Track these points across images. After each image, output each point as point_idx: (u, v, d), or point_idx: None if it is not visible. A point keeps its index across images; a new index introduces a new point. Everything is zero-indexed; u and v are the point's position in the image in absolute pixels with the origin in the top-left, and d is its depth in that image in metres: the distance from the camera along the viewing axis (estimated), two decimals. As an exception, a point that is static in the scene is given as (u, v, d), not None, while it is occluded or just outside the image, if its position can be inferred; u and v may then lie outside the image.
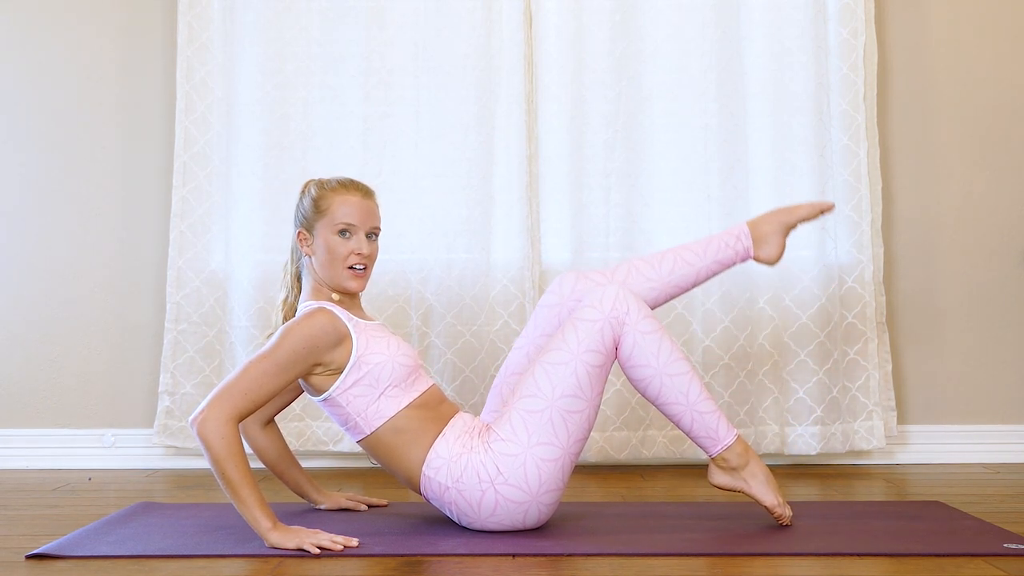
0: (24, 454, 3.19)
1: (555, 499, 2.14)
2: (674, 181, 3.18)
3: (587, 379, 2.10)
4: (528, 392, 2.10)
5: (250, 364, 2.04)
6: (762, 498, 2.18)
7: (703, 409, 2.15)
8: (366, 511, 2.43)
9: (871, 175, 3.17)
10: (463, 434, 2.14)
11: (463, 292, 3.13)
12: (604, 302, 2.13)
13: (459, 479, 2.09)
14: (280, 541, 1.98)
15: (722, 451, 2.17)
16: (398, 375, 2.13)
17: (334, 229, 2.18)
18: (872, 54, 3.18)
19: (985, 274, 3.25)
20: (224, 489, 1.99)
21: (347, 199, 2.20)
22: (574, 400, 2.09)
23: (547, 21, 3.21)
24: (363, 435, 2.15)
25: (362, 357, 2.11)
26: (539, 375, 2.11)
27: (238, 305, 3.13)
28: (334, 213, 2.19)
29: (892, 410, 3.15)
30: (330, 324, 2.11)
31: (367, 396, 2.12)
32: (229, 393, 2.01)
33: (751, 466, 2.18)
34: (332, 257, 2.18)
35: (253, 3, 3.18)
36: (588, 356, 2.10)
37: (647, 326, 2.13)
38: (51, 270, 3.25)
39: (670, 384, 2.13)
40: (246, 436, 2.39)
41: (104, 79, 3.28)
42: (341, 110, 3.18)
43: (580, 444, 2.13)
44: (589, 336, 2.10)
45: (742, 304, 3.12)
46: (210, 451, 1.97)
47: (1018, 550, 1.97)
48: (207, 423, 1.97)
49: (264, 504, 2.00)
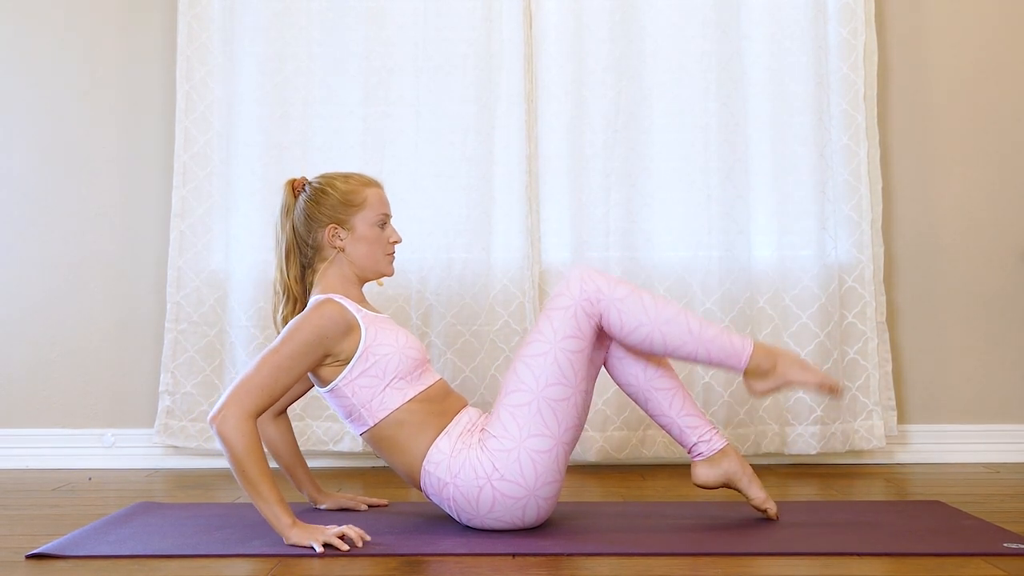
0: (24, 454, 3.19)
1: (553, 493, 2.13)
2: (674, 181, 3.18)
3: (569, 366, 2.10)
4: (512, 387, 2.11)
5: (264, 359, 2.05)
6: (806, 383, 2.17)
7: (711, 335, 2.15)
8: (366, 511, 2.43)
9: (871, 175, 3.17)
10: (465, 431, 2.15)
11: (463, 292, 3.14)
12: (571, 287, 2.15)
13: (457, 475, 2.09)
14: (300, 538, 1.98)
15: (748, 363, 2.16)
16: (405, 367, 2.14)
17: (375, 220, 2.26)
18: (872, 54, 3.18)
19: (985, 274, 3.25)
20: (243, 486, 1.99)
21: (377, 192, 2.29)
22: (559, 388, 2.09)
23: (547, 21, 3.21)
24: (366, 427, 2.15)
25: (370, 348, 2.12)
26: (520, 369, 2.12)
27: (238, 305, 3.13)
28: (372, 205, 2.26)
29: (892, 410, 3.15)
30: (339, 314, 2.12)
31: (373, 387, 2.12)
32: (246, 389, 2.01)
33: (781, 359, 2.17)
34: (375, 247, 2.26)
35: (253, 3, 3.18)
36: (566, 343, 2.11)
37: (621, 291, 2.14)
38: (51, 270, 3.25)
39: (670, 330, 2.14)
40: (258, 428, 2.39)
41: (104, 79, 3.28)
42: (341, 110, 3.18)
43: (572, 432, 2.14)
44: (564, 323, 2.12)
45: (742, 304, 3.12)
46: (231, 449, 1.97)
47: (1018, 550, 1.97)
48: (227, 420, 1.98)
49: (284, 501, 2.01)
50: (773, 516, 2.26)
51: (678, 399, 2.26)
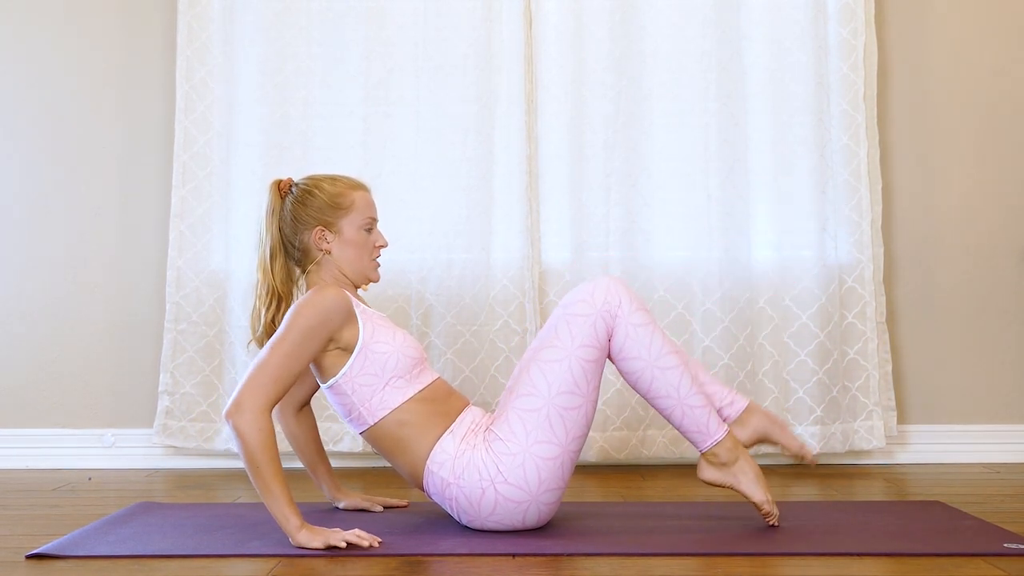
0: (24, 454, 3.19)
1: (555, 499, 2.13)
2: (674, 181, 3.18)
3: (583, 375, 2.09)
4: (524, 391, 2.10)
5: (271, 351, 2.03)
6: (751, 495, 2.17)
7: (693, 404, 2.14)
8: (382, 511, 2.42)
9: (871, 175, 3.17)
10: (469, 432, 2.14)
11: (463, 292, 3.14)
12: (596, 295, 2.13)
13: (460, 476, 2.09)
14: (307, 541, 1.97)
15: (712, 446, 2.16)
16: (403, 366, 2.13)
17: (361, 224, 2.24)
18: (872, 54, 3.18)
19: (985, 274, 3.25)
20: (255, 482, 1.98)
21: (364, 195, 2.27)
22: (571, 397, 2.08)
23: (547, 21, 3.21)
24: (366, 425, 2.15)
25: (367, 344, 2.11)
26: (534, 373, 2.10)
27: (238, 305, 3.13)
28: (359, 209, 2.24)
29: (892, 410, 3.15)
30: (340, 297, 2.11)
31: (372, 385, 2.11)
32: (259, 382, 1.99)
33: (740, 462, 2.17)
34: (362, 251, 2.24)
35: (253, 3, 3.19)
36: (582, 351, 2.09)
37: (639, 318, 2.12)
38: (51, 270, 3.25)
39: (661, 377, 2.12)
40: (281, 423, 2.39)
41: (104, 79, 3.28)
42: (341, 110, 3.18)
43: (579, 442, 2.12)
44: (582, 331, 2.10)
45: (742, 304, 3.12)
46: (246, 444, 1.96)
47: (1018, 550, 1.97)
48: (243, 415, 1.96)
49: (293, 502, 1.99)
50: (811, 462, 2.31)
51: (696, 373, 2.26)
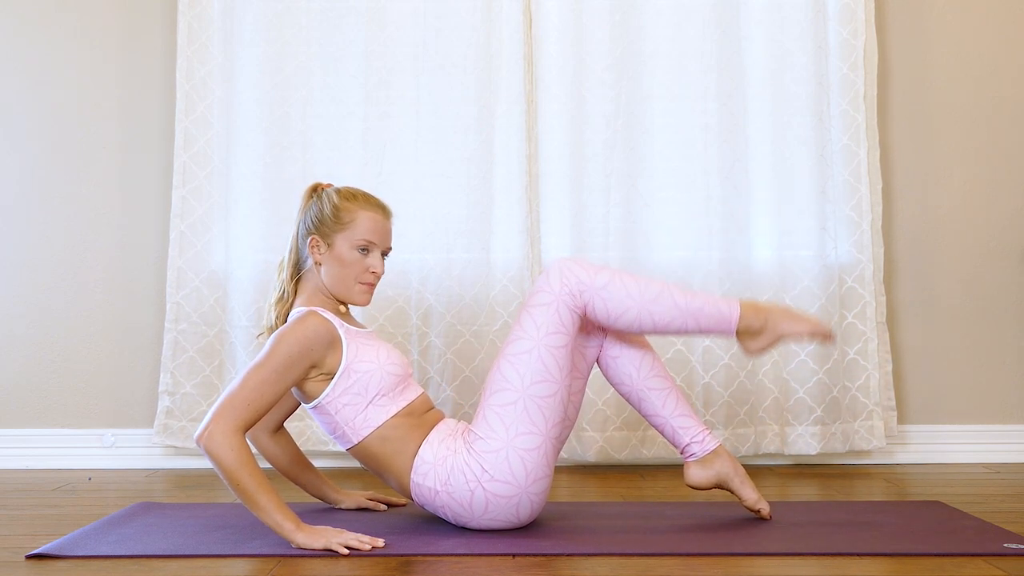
0: (24, 454, 3.19)
1: (544, 488, 2.13)
2: (674, 181, 3.18)
3: (553, 362, 2.10)
4: (497, 387, 2.10)
5: (248, 374, 2.01)
6: (798, 333, 2.17)
7: (698, 305, 2.15)
8: (385, 510, 2.42)
9: (871, 175, 3.17)
10: (447, 437, 2.13)
11: (463, 292, 3.14)
12: (552, 281, 2.13)
13: (447, 482, 2.08)
14: (307, 542, 1.96)
15: (738, 325, 2.15)
16: (387, 384, 2.12)
17: (355, 244, 2.16)
18: (872, 54, 3.18)
19: (985, 274, 3.25)
20: (241, 500, 1.97)
21: (373, 216, 2.19)
22: (545, 385, 2.09)
23: (547, 21, 3.21)
24: (351, 444, 2.14)
25: (351, 364, 2.10)
26: (505, 367, 2.10)
27: (238, 305, 3.13)
28: (357, 227, 2.17)
29: (892, 410, 3.15)
30: (322, 326, 2.09)
31: (355, 405, 2.10)
32: (232, 405, 1.98)
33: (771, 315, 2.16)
34: (347, 271, 2.17)
35: (253, 3, 3.19)
36: (550, 339, 2.10)
37: (602, 279, 2.13)
38: (51, 270, 3.26)
39: (657, 308, 2.13)
40: (256, 446, 2.39)
41: (104, 79, 3.28)
42: (341, 110, 3.18)
43: (559, 427, 2.13)
44: (546, 319, 2.11)
45: (742, 304, 3.12)
46: (221, 465, 1.94)
47: (1018, 550, 1.97)
48: (213, 437, 1.95)
49: (284, 507, 1.99)
50: (766, 516, 2.27)
51: (671, 399, 2.26)
